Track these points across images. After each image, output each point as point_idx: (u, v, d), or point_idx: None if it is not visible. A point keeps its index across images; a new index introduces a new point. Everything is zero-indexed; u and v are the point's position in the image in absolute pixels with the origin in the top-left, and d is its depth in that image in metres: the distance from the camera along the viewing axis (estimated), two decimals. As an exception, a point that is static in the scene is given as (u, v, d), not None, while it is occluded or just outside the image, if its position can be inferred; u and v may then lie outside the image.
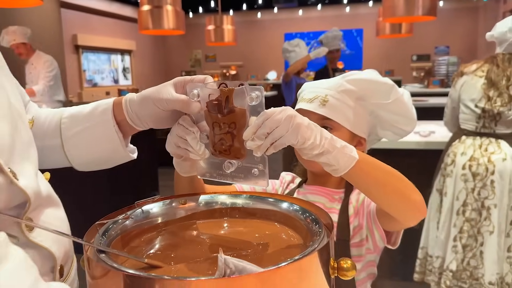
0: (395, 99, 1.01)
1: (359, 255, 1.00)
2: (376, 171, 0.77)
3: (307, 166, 1.08)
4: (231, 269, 0.49)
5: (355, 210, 1.01)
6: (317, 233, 0.63)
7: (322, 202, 1.06)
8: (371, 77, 1.03)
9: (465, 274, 2.18)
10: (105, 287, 0.53)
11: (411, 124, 1.07)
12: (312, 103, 1.03)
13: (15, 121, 0.65)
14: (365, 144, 1.09)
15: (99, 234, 0.63)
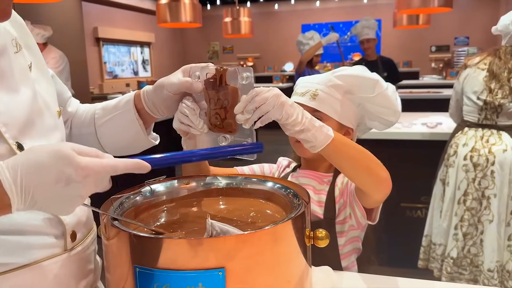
0: (379, 93, 1.12)
1: (342, 231, 1.12)
2: (349, 149, 0.89)
3: (299, 153, 1.20)
4: (217, 231, 0.61)
5: (340, 191, 1.13)
6: (296, 206, 0.74)
7: (312, 184, 1.18)
8: (358, 72, 1.13)
9: (466, 261, 2.27)
10: (117, 246, 0.65)
11: (395, 115, 1.17)
12: (303, 96, 1.15)
13: (40, 108, 0.79)
14: (353, 134, 1.21)
15: (113, 206, 0.75)
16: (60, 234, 0.77)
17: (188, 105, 0.84)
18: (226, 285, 0.60)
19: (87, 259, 0.84)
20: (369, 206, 1.07)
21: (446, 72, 8.02)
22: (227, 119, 0.82)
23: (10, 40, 0.79)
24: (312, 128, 0.83)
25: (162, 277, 0.60)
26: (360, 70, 1.14)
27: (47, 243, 0.75)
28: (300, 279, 0.71)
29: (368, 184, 0.93)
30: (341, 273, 1.02)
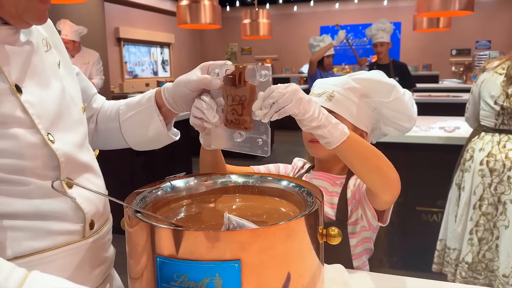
0: (395, 98, 1.13)
1: (354, 232, 1.14)
2: (362, 148, 0.92)
3: (312, 153, 1.23)
4: (234, 225, 0.65)
5: (352, 193, 1.15)
6: (309, 204, 0.77)
7: (325, 186, 1.21)
8: (375, 77, 1.15)
9: (481, 266, 2.26)
10: (140, 237, 0.70)
11: (410, 121, 1.18)
12: (320, 97, 1.18)
13: (67, 103, 0.86)
14: (367, 137, 1.23)
15: (136, 200, 0.80)
16: (80, 222, 0.82)
17: (205, 100, 0.88)
18: (242, 276, 0.64)
19: (103, 248, 0.89)
20: (379, 207, 1.09)
21: (466, 76, 7.92)
22: (243, 116, 0.84)
23: (41, 39, 0.86)
24: (329, 125, 0.85)
25: (181, 267, 0.64)
26: (378, 75, 1.16)
27: (68, 230, 0.80)
28: (312, 274, 0.74)
29: (378, 184, 0.96)
30: (353, 272, 1.04)
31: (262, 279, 0.66)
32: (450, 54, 10.80)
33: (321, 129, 0.85)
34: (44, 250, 0.77)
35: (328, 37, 4.57)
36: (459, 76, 10.15)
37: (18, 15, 0.75)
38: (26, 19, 0.77)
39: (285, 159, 1.47)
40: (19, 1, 0.74)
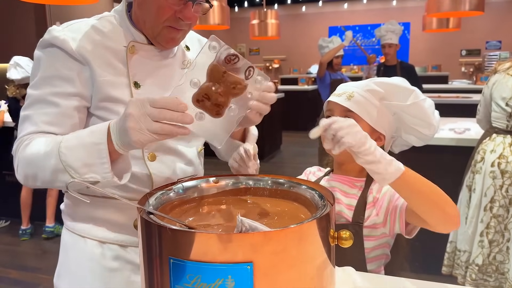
0: (413, 102, 1.14)
1: (370, 235, 1.16)
2: (418, 183, 0.93)
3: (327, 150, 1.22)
4: (246, 227, 0.65)
5: (374, 199, 1.16)
6: (321, 207, 0.78)
7: (343, 189, 1.23)
8: (396, 82, 1.17)
9: (491, 268, 2.24)
10: (153, 238, 0.70)
11: (430, 128, 1.18)
12: (340, 97, 1.20)
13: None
14: (384, 141, 1.22)
15: (149, 201, 0.80)
16: (149, 187, 1.02)
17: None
18: (254, 278, 0.64)
19: None
20: (422, 226, 1.05)
21: (476, 76, 7.85)
22: (220, 103, 0.82)
23: (183, 61, 1.09)
24: (383, 161, 0.87)
25: (194, 268, 0.64)
26: (399, 80, 1.18)
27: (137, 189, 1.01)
28: (323, 277, 0.74)
29: (434, 219, 0.95)
30: (362, 274, 1.04)
31: (274, 281, 0.66)
32: (460, 54, 10.72)
33: (376, 164, 0.87)
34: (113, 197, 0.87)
35: (337, 38, 4.56)
36: (469, 77, 10.08)
37: (153, 36, 0.99)
38: (159, 41, 1.00)
39: (293, 160, 1.47)
40: (155, 26, 0.97)
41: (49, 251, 3.46)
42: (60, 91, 0.96)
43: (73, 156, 0.85)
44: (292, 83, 9.68)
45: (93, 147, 0.83)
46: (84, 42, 0.97)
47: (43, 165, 0.89)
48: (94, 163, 0.84)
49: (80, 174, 0.84)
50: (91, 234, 1.06)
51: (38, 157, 0.89)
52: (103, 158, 0.83)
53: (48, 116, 0.95)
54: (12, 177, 4.20)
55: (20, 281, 3.02)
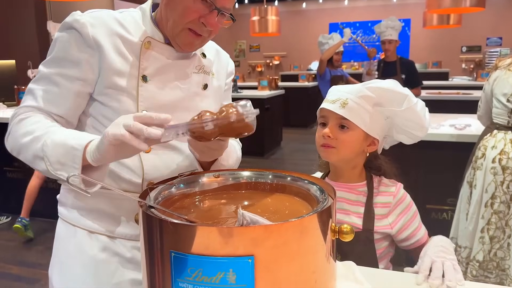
0: (408, 107, 1.16)
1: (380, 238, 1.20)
2: None
3: (324, 157, 1.25)
4: (247, 221, 0.65)
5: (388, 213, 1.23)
6: (322, 201, 0.78)
7: (349, 197, 1.24)
8: (388, 86, 1.17)
9: (492, 264, 2.24)
10: (154, 232, 0.70)
11: (422, 130, 1.21)
12: (334, 104, 1.20)
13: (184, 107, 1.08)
14: (378, 145, 1.25)
15: (150, 195, 0.80)
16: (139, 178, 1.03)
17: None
18: (255, 272, 0.64)
19: None
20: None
21: (476, 73, 7.83)
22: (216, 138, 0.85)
23: (197, 66, 1.10)
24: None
25: (196, 262, 0.65)
26: (392, 84, 1.18)
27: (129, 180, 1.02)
28: (324, 271, 0.74)
29: None
30: (363, 268, 1.04)
31: (275, 274, 0.66)
32: (460, 51, 10.70)
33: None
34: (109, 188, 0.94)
35: (337, 34, 4.54)
36: (469, 74, 10.06)
37: (171, 37, 1.02)
38: (177, 41, 1.02)
39: (293, 157, 1.47)
40: (177, 25, 0.99)
41: (50, 247, 3.45)
42: (65, 72, 1.00)
43: (52, 151, 0.89)
44: (292, 79, 9.67)
45: (71, 150, 0.87)
46: (102, 29, 1.00)
47: (28, 146, 0.94)
48: (67, 164, 0.87)
49: (54, 168, 0.89)
50: (81, 223, 1.07)
51: (27, 137, 0.95)
52: (75, 164, 0.86)
53: (49, 94, 1.00)
54: (13, 173, 4.21)
55: (21, 277, 3.03)
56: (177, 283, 0.66)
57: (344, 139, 1.18)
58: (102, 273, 1.06)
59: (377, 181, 1.26)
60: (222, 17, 1.00)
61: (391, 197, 1.22)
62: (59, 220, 1.14)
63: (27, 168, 3.96)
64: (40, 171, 0.94)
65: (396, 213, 1.22)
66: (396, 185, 1.25)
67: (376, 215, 1.20)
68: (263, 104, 6.19)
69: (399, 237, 1.22)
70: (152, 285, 0.72)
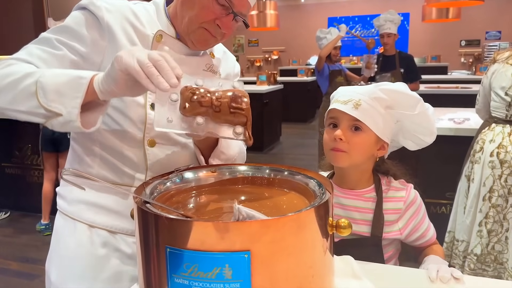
0: (420, 112, 1.13)
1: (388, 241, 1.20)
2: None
3: (332, 162, 1.21)
4: (243, 215, 0.65)
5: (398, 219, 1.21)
6: (319, 195, 0.77)
7: (357, 205, 1.21)
8: (401, 89, 1.14)
9: (489, 258, 2.24)
10: (150, 228, 0.70)
11: (431, 136, 1.19)
12: (346, 105, 1.14)
13: None
14: (387, 149, 1.22)
15: (145, 190, 0.80)
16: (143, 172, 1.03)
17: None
18: (252, 267, 0.64)
19: None
20: None
21: (475, 67, 7.83)
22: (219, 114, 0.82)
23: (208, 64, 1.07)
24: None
25: (191, 257, 0.64)
26: (404, 87, 1.16)
27: (132, 175, 1.02)
28: (322, 266, 0.73)
29: None
30: (361, 263, 1.04)
31: (272, 269, 0.66)
32: (459, 45, 10.68)
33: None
34: (112, 181, 0.99)
35: (335, 29, 4.52)
36: (468, 68, 10.05)
37: (186, 34, 1.00)
38: (191, 39, 1.00)
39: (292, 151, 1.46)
40: (193, 24, 0.98)
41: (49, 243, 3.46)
42: (69, 43, 0.96)
43: (52, 80, 0.82)
44: (291, 74, 9.64)
45: (75, 79, 0.81)
46: (116, 15, 0.98)
47: (15, 83, 0.85)
48: (66, 94, 0.81)
49: (47, 100, 0.81)
50: (81, 217, 1.06)
51: (17, 75, 0.86)
52: (79, 93, 0.80)
53: (45, 54, 0.94)
54: (11, 169, 4.20)
55: (20, 273, 3.03)
56: (173, 279, 0.66)
57: (356, 142, 1.14)
58: (101, 269, 1.05)
59: (385, 183, 1.22)
60: (236, 21, 1.00)
61: (401, 203, 1.19)
62: (58, 213, 1.13)
63: (25, 164, 3.96)
64: (21, 112, 0.85)
65: (407, 217, 1.19)
66: (407, 188, 1.22)
67: (386, 221, 1.17)
68: (262, 99, 6.17)
69: (408, 239, 1.21)
70: (148, 281, 0.71)
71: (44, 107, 0.81)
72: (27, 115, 0.85)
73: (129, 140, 1.01)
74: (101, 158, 1.03)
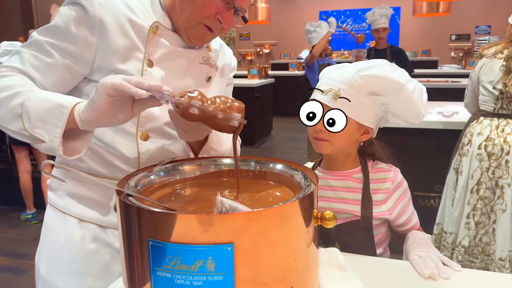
0: (404, 97, 1.11)
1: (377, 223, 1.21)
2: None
3: (318, 150, 1.21)
4: (226, 208, 0.64)
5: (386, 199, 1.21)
6: (304, 187, 0.77)
7: (348, 185, 1.21)
8: (383, 74, 1.10)
9: (477, 249, 2.27)
10: (132, 221, 0.69)
11: (418, 118, 1.18)
12: (326, 95, 1.13)
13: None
14: (372, 133, 1.21)
15: (128, 183, 0.79)
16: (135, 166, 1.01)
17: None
18: (235, 259, 0.63)
19: None
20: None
21: (465, 61, 7.87)
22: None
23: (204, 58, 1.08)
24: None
25: (174, 250, 0.63)
26: (387, 70, 1.11)
27: (123, 169, 1.01)
28: (306, 258, 0.73)
29: None
30: (347, 255, 1.04)
31: (256, 262, 0.65)
32: (449, 39, 10.72)
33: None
34: (103, 176, 0.98)
35: (324, 23, 4.51)
36: (458, 62, 10.09)
37: (184, 29, 1.00)
38: (188, 34, 1.01)
39: (284, 145, 1.46)
40: (193, 19, 0.98)
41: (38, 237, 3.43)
42: (59, 45, 0.96)
43: (35, 106, 0.83)
44: (282, 68, 9.61)
45: (57, 107, 0.82)
46: (109, 9, 0.97)
47: (4, 101, 0.87)
48: (49, 122, 0.81)
49: (31, 125, 0.83)
50: (72, 211, 1.05)
51: (6, 92, 0.88)
52: (60, 122, 0.81)
53: (38, 61, 0.95)
54: (-2, 164, 4.16)
55: (8, 267, 3.00)
56: (156, 272, 0.65)
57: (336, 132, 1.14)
58: (91, 264, 1.04)
59: (371, 166, 1.24)
60: (237, 16, 1.00)
61: (389, 183, 1.20)
62: (49, 206, 1.11)
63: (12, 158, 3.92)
64: (11, 131, 0.87)
65: (395, 198, 1.21)
66: (394, 170, 1.24)
67: (375, 201, 1.19)
68: (253, 93, 6.16)
69: (396, 222, 1.22)
70: (131, 275, 0.70)
71: (28, 131, 0.83)
72: (17, 135, 0.87)
73: (122, 134, 1.00)
74: (92, 151, 1.01)
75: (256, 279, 0.65)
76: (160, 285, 0.65)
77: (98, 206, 1.04)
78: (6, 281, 2.84)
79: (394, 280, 0.98)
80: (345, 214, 1.18)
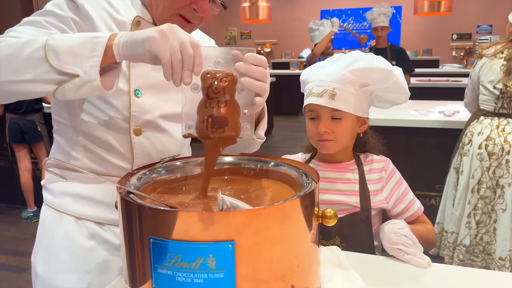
0: (393, 82, 1.15)
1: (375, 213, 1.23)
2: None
3: (323, 151, 1.24)
4: (227, 205, 0.64)
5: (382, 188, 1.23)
6: (305, 185, 0.77)
7: (344, 177, 1.23)
8: (370, 65, 1.15)
9: (478, 248, 2.27)
10: (133, 218, 0.69)
11: (406, 98, 1.22)
12: (322, 97, 1.17)
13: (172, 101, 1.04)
14: (368, 122, 1.25)
15: (130, 181, 0.79)
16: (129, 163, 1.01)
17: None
18: (236, 257, 0.63)
19: None
20: None
21: (466, 61, 7.86)
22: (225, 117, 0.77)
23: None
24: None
25: (175, 247, 0.63)
26: (374, 61, 1.15)
27: (118, 165, 1.01)
28: (307, 256, 0.73)
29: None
30: (347, 253, 1.04)
31: (256, 259, 0.65)
32: (451, 38, 10.70)
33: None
34: (97, 172, 0.98)
35: (327, 21, 4.50)
36: (459, 61, 10.08)
37: (161, 21, 0.95)
38: None
39: (284, 144, 1.46)
40: (168, 10, 0.96)
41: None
42: (56, 23, 0.92)
43: (63, 42, 0.77)
44: (283, 67, 9.61)
45: (91, 39, 0.76)
46: (93, 4, 0.97)
47: (17, 52, 0.78)
48: (82, 54, 0.75)
49: (60, 62, 0.75)
50: (68, 209, 1.04)
51: (16, 44, 0.79)
52: (96, 51, 0.75)
53: (37, 32, 0.88)
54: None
55: (9, 266, 3.01)
56: (156, 270, 0.65)
57: (341, 129, 1.19)
58: (89, 261, 1.04)
59: (363, 159, 1.27)
60: (213, 4, 0.98)
61: (382, 172, 1.24)
62: (44, 206, 1.11)
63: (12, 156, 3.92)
64: (26, 81, 0.78)
65: (390, 186, 1.24)
66: (386, 160, 1.28)
67: (371, 191, 1.21)
68: (254, 92, 6.14)
69: (394, 211, 1.23)
70: (132, 272, 0.71)
71: (57, 69, 0.75)
72: (35, 84, 0.78)
73: (114, 129, 1.00)
74: (85, 149, 1.01)
75: (257, 277, 0.65)
76: (161, 283, 0.65)
77: (94, 203, 1.04)
78: (6, 279, 2.84)
79: (395, 279, 0.98)
80: (344, 206, 1.20)
